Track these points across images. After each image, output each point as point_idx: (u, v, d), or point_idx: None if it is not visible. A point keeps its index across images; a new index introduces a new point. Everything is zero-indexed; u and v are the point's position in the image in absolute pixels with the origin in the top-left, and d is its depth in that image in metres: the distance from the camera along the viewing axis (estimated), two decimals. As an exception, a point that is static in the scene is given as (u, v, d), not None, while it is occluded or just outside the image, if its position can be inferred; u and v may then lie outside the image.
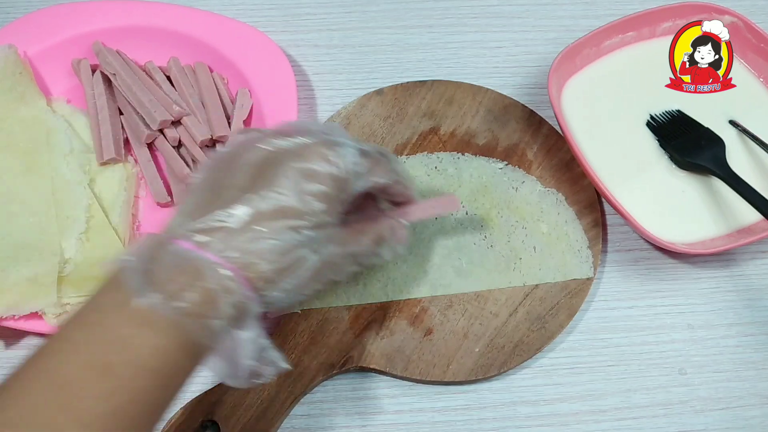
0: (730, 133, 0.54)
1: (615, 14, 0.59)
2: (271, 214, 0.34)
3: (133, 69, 0.55)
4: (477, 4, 0.63)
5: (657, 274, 0.52)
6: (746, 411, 0.48)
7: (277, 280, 0.35)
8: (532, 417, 0.47)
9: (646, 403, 0.48)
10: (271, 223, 0.34)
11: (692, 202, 0.52)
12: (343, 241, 0.39)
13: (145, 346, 0.32)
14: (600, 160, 0.52)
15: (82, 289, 0.48)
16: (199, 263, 0.33)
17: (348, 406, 0.48)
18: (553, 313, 0.49)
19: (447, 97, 0.57)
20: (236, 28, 0.57)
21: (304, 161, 0.36)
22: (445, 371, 0.47)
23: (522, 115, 0.56)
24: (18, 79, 0.54)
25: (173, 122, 0.53)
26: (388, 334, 0.48)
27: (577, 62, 0.55)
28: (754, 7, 0.62)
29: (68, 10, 0.58)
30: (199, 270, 0.33)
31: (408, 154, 0.55)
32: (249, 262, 0.34)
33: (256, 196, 0.34)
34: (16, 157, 0.52)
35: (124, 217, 0.51)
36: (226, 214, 0.34)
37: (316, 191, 0.35)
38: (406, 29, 0.62)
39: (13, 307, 0.46)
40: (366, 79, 0.59)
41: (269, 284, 0.35)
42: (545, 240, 0.51)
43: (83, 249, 0.50)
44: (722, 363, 0.49)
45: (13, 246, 0.49)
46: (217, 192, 0.35)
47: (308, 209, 0.35)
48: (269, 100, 0.54)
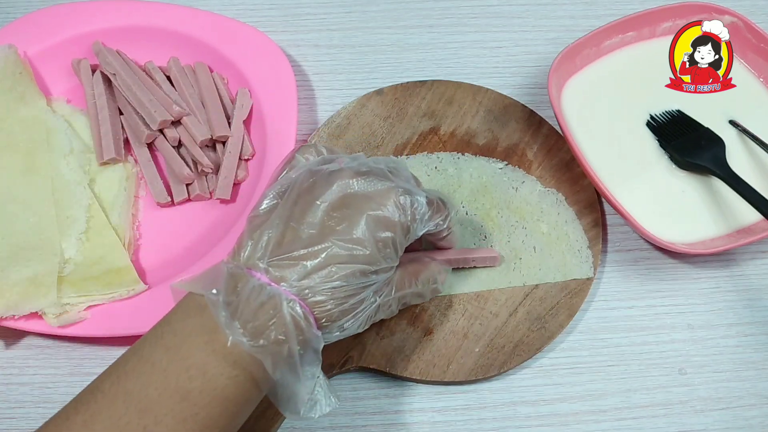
0: (730, 133, 0.54)
1: (615, 14, 0.59)
2: (345, 258, 0.36)
3: (133, 69, 0.55)
4: (477, 4, 0.63)
5: (657, 274, 0.52)
6: (746, 411, 0.48)
7: (339, 319, 0.36)
8: (532, 417, 0.47)
9: (646, 403, 0.48)
10: (344, 267, 0.36)
11: (692, 202, 0.52)
12: (400, 284, 0.41)
13: (221, 376, 0.34)
14: (600, 160, 0.52)
15: (82, 289, 0.48)
16: (278, 300, 0.34)
17: (348, 406, 0.48)
18: (553, 313, 0.49)
19: (447, 97, 0.57)
20: (236, 28, 0.57)
21: (380, 209, 0.37)
22: (445, 371, 0.47)
23: (522, 115, 0.56)
24: (18, 79, 0.54)
25: (173, 122, 0.53)
26: (388, 333, 0.48)
27: (577, 62, 0.55)
28: (754, 7, 0.62)
29: (68, 10, 0.58)
30: (278, 306, 0.34)
31: (408, 154, 0.55)
32: (318, 301, 0.35)
33: (334, 238, 0.36)
34: (16, 157, 0.52)
35: (124, 217, 0.51)
36: (304, 251, 0.35)
37: (385, 238, 0.37)
38: (406, 29, 0.62)
39: (13, 307, 0.47)
40: (366, 79, 0.59)
41: (333, 324, 0.36)
42: (545, 240, 0.51)
43: (83, 249, 0.50)
44: (722, 363, 0.49)
45: (13, 246, 0.49)
46: (294, 227, 0.36)
47: (379, 256, 0.37)
48: (269, 100, 0.54)
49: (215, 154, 0.54)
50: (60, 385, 0.48)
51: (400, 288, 0.41)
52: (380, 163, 0.40)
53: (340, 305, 0.36)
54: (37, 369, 0.49)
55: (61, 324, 0.47)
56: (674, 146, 0.53)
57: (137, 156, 0.54)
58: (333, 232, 0.36)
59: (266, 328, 0.34)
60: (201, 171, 0.53)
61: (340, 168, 0.39)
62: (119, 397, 0.33)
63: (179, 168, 0.53)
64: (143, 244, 0.52)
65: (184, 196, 0.53)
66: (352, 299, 0.36)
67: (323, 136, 0.55)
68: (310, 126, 0.57)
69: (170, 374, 0.33)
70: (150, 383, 0.33)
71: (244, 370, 0.34)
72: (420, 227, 0.40)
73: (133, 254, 0.51)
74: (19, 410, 0.48)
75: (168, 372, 0.34)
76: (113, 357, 0.48)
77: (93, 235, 0.50)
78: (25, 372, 0.49)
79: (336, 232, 0.36)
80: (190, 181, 0.53)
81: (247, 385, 0.35)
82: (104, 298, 0.48)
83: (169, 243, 0.52)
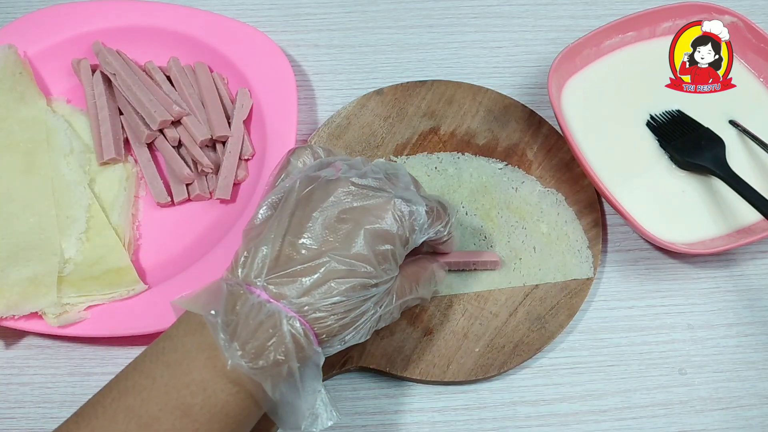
0: (730, 133, 0.54)
1: (615, 14, 0.59)
2: (344, 273, 0.36)
3: (133, 69, 0.55)
4: (477, 4, 0.63)
5: (657, 274, 0.52)
6: (746, 411, 0.48)
7: (340, 333, 0.36)
8: (532, 417, 0.47)
9: (646, 403, 0.48)
10: (344, 282, 0.35)
11: (692, 202, 0.52)
12: (401, 292, 0.41)
13: (221, 392, 0.34)
14: (600, 160, 0.52)
15: (82, 289, 0.48)
16: (277, 318, 0.34)
17: (348, 406, 0.48)
18: (553, 313, 0.49)
19: (447, 97, 0.57)
20: (236, 28, 0.57)
21: (378, 222, 0.37)
22: (445, 371, 0.47)
23: (522, 115, 0.56)
24: (18, 79, 0.54)
25: (173, 122, 0.53)
26: (388, 333, 0.48)
27: (577, 62, 0.55)
28: (754, 7, 0.62)
29: (68, 10, 0.58)
30: (277, 325, 0.34)
31: (408, 154, 0.55)
32: (318, 317, 0.35)
33: (332, 253, 0.36)
34: (16, 157, 0.52)
35: (124, 217, 0.51)
36: (302, 267, 0.35)
37: (384, 251, 0.37)
38: (406, 29, 0.62)
39: (13, 307, 0.47)
40: (366, 79, 0.59)
41: (334, 338, 0.36)
42: (545, 240, 0.51)
43: (83, 249, 0.50)
44: (722, 363, 0.49)
45: (13, 246, 0.49)
46: (293, 243, 0.36)
47: (379, 269, 0.37)
48: (269, 100, 0.54)
49: (215, 154, 0.54)
50: (60, 385, 0.48)
51: (401, 295, 0.41)
52: (379, 171, 0.39)
53: (340, 320, 0.36)
54: (37, 369, 0.49)
55: (61, 324, 0.47)
56: (674, 146, 0.53)
57: (137, 156, 0.54)
58: (331, 247, 0.36)
59: (265, 348, 0.34)
60: (201, 171, 0.53)
61: (337, 178, 0.38)
62: (120, 413, 0.33)
63: (179, 168, 0.53)
64: (143, 244, 0.52)
65: (184, 196, 0.53)
66: (352, 313, 0.36)
67: (323, 136, 0.55)
68: (310, 126, 0.57)
69: (171, 390, 0.33)
70: (151, 399, 0.33)
71: (244, 387, 0.34)
72: (419, 236, 0.39)
73: (133, 254, 0.51)
74: (19, 410, 0.48)
75: (169, 388, 0.33)
76: (113, 357, 0.49)
77: (93, 235, 0.50)
78: (25, 372, 0.49)
79: (334, 247, 0.36)
80: (190, 181, 0.53)
81: (247, 402, 0.35)
82: (104, 298, 0.48)
83: (169, 243, 0.52)
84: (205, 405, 0.33)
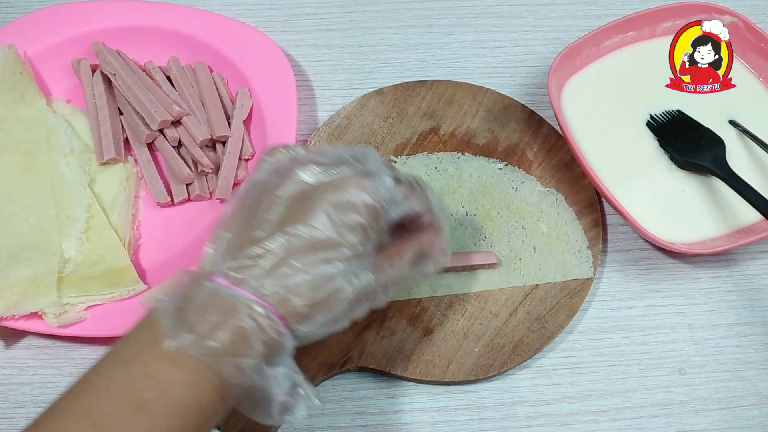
0: (730, 133, 0.54)
1: (615, 14, 0.59)
2: (305, 248, 0.34)
3: (133, 69, 0.55)
4: (477, 4, 0.63)
5: (657, 274, 0.52)
6: (746, 411, 0.48)
7: (311, 314, 0.35)
8: (532, 417, 0.47)
9: (646, 403, 0.48)
10: (305, 258, 0.34)
11: (692, 202, 0.52)
12: (380, 267, 0.38)
13: (177, 384, 0.32)
14: (600, 160, 0.52)
15: (82, 289, 0.48)
16: (233, 301, 0.33)
17: (348, 406, 0.48)
18: (553, 313, 0.49)
19: (447, 97, 0.57)
20: (236, 28, 0.57)
21: (340, 193, 0.35)
22: (445, 371, 0.47)
23: (522, 115, 0.56)
24: (18, 79, 0.54)
25: (173, 122, 0.53)
26: (388, 334, 0.48)
27: (577, 62, 0.55)
28: (754, 7, 0.62)
29: (68, 10, 0.58)
30: (232, 308, 0.33)
31: (408, 154, 0.55)
32: (283, 298, 0.34)
33: (291, 231, 0.35)
34: (16, 157, 0.52)
35: (124, 217, 0.51)
36: (261, 250, 0.34)
37: (351, 222, 0.35)
38: (406, 29, 0.62)
39: (13, 307, 0.47)
40: (366, 79, 0.59)
41: (303, 319, 0.35)
42: (545, 240, 0.51)
43: (83, 249, 0.50)
44: (722, 363, 0.49)
45: (13, 246, 0.49)
46: (252, 226, 0.35)
47: (343, 241, 0.35)
48: (269, 100, 0.54)
49: (215, 154, 0.54)
50: (60, 385, 0.48)
51: (381, 271, 0.37)
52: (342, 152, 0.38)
53: (306, 299, 0.34)
54: (37, 369, 0.49)
55: (61, 324, 0.47)
56: (674, 146, 0.53)
57: (137, 156, 0.54)
58: (290, 225, 0.35)
59: (216, 329, 0.32)
60: (201, 171, 0.53)
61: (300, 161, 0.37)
62: (75, 414, 0.32)
63: (179, 168, 0.53)
64: (143, 244, 0.52)
65: (184, 196, 0.53)
66: (319, 292, 0.35)
67: (323, 136, 0.55)
68: (310, 126, 0.57)
69: (127, 387, 0.32)
70: (104, 397, 0.32)
71: (203, 377, 0.33)
72: (394, 210, 0.38)
73: (133, 254, 0.51)
74: (19, 410, 0.48)
75: (125, 385, 0.32)
76: (113, 357, 0.49)
77: (93, 235, 0.50)
78: (25, 372, 0.49)
79: (293, 224, 0.35)
80: (190, 181, 0.53)
81: (209, 393, 0.33)
82: (104, 298, 0.48)
83: (169, 243, 0.52)
84: (160, 399, 0.32)
